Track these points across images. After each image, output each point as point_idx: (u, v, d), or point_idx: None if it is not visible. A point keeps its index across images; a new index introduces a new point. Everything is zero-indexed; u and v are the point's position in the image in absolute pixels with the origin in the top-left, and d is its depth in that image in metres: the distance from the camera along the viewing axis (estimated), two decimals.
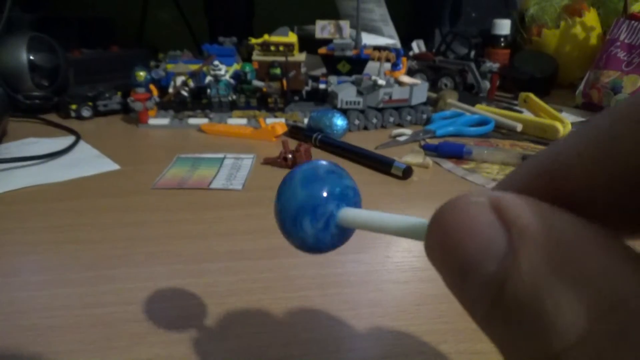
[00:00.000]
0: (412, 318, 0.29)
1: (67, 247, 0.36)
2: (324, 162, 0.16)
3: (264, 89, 0.75)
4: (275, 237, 0.38)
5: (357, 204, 0.16)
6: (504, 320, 0.09)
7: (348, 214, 0.15)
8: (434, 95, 0.82)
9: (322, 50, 0.81)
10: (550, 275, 0.08)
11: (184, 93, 0.75)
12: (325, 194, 0.15)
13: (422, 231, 0.12)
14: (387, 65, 0.76)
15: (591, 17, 1.02)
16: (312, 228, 0.15)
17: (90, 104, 0.75)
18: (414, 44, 1.10)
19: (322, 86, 0.79)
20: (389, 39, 0.98)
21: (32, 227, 0.40)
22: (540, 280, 0.08)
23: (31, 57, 0.73)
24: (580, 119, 0.79)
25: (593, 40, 1.02)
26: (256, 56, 0.77)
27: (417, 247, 0.37)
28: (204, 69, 0.74)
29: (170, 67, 0.76)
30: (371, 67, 0.81)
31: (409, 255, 0.36)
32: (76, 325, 0.27)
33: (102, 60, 0.97)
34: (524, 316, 0.08)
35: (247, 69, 0.74)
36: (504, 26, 1.04)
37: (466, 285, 0.09)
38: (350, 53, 0.78)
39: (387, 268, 0.34)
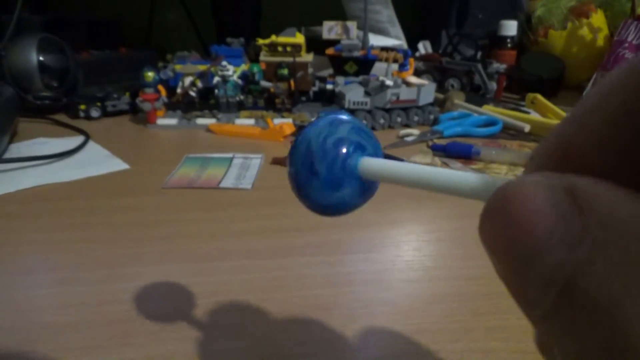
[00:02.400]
0: (424, 317, 0.29)
1: (80, 245, 0.36)
2: (341, 115, 0.15)
3: (272, 90, 0.75)
4: (287, 236, 0.38)
5: (376, 149, 0.15)
6: (569, 316, 0.08)
7: (370, 162, 0.14)
8: (441, 96, 0.82)
9: (330, 51, 0.81)
10: (634, 273, 0.07)
11: (192, 93, 0.76)
12: (341, 144, 0.14)
13: (469, 187, 0.11)
14: (395, 66, 0.76)
15: (598, 19, 1.02)
16: (328, 181, 0.14)
17: (98, 104, 0.76)
18: (421, 45, 1.11)
19: (329, 87, 0.79)
20: (396, 40, 0.98)
21: (45, 225, 0.40)
22: (621, 278, 0.07)
23: (41, 58, 0.74)
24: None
25: (600, 41, 1.01)
26: (264, 57, 0.78)
27: (427, 246, 0.37)
28: (212, 69, 0.75)
29: (178, 67, 0.76)
30: (378, 68, 0.81)
31: (420, 254, 0.36)
32: (92, 323, 0.27)
33: (110, 61, 0.98)
34: (596, 315, 0.07)
35: (255, 69, 0.74)
36: (510, 27, 1.04)
37: (530, 273, 0.08)
38: (357, 54, 0.79)
39: (398, 267, 0.34)
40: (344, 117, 0.15)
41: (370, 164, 0.13)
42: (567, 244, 0.08)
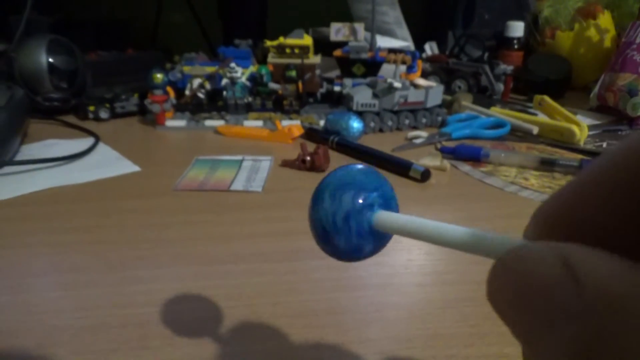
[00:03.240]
0: (438, 321, 0.29)
1: (93, 247, 0.37)
2: (358, 166, 0.16)
3: (280, 91, 0.75)
4: (298, 239, 0.38)
5: (393, 208, 0.16)
6: None
7: (384, 217, 0.15)
8: (448, 97, 0.82)
9: (337, 52, 0.81)
10: (628, 339, 0.07)
11: (201, 95, 0.76)
12: (357, 199, 0.15)
13: (475, 244, 0.12)
14: (403, 68, 0.76)
15: (605, 20, 1.02)
16: (345, 234, 0.15)
17: (107, 105, 0.76)
18: (427, 46, 1.10)
19: (336, 88, 0.80)
20: (403, 42, 0.98)
21: (58, 227, 0.40)
22: (617, 344, 0.07)
23: (50, 60, 0.74)
24: (595, 121, 0.79)
25: (607, 42, 1.01)
26: (272, 59, 0.78)
27: (439, 250, 0.37)
28: (221, 71, 0.75)
29: (186, 69, 0.77)
30: (386, 69, 0.81)
31: (432, 258, 0.36)
32: (109, 325, 0.28)
33: (118, 62, 0.98)
34: None
35: (263, 71, 0.75)
36: (517, 28, 1.04)
37: (539, 343, 0.09)
38: (365, 56, 0.79)
39: (410, 271, 0.34)
40: (343, 176, 0.16)
41: (383, 221, 0.14)
42: (570, 316, 0.08)
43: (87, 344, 0.26)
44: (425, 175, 0.50)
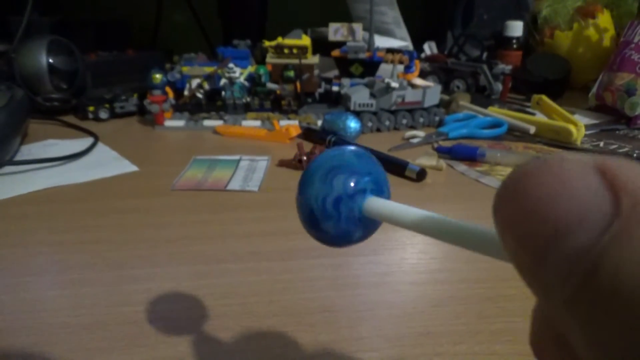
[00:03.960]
0: (430, 319, 0.29)
1: (91, 247, 0.37)
2: (351, 148, 0.15)
3: (278, 91, 0.76)
4: (293, 239, 0.39)
5: (385, 194, 0.15)
6: (597, 306, 0.07)
7: (375, 204, 0.14)
8: (446, 97, 0.83)
9: (335, 52, 0.81)
10: None
11: (199, 95, 0.76)
12: (349, 183, 0.14)
13: (455, 233, 0.11)
14: (400, 68, 0.77)
15: (604, 19, 1.02)
16: (334, 219, 0.14)
17: (107, 105, 0.77)
18: (426, 46, 1.11)
19: (335, 88, 0.80)
20: (402, 42, 0.98)
21: (56, 227, 0.41)
22: None
23: (50, 60, 0.75)
24: (593, 121, 0.79)
25: (606, 42, 1.01)
26: (270, 59, 0.78)
27: (433, 249, 0.38)
28: (219, 71, 0.75)
29: (185, 69, 0.77)
30: (384, 69, 0.81)
31: (426, 256, 0.36)
32: (104, 324, 0.28)
33: (118, 62, 0.99)
34: (624, 302, 0.07)
35: (262, 71, 0.75)
36: (516, 28, 1.04)
37: (552, 256, 0.08)
38: (363, 55, 0.79)
39: (403, 269, 0.35)
40: (335, 158, 0.15)
41: (374, 208, 0.14)
42: (598, 225, 0.07)
43: (82, 342, 0.26)
44: (421, 174, 0.50)
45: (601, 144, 0.67)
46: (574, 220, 0.07)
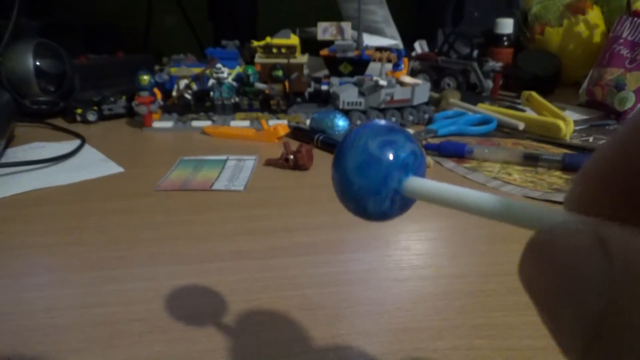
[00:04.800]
0: (410, 315, 0.29)
1: (72, 248, 0.37)
2: (385, 124, 0.15)
3: (267, 91, 0.75)
4: (276, 237, 0.38)
5: (421, 167, 0.14)
6: (604, 355, 0.08)
7: (415, 184, 0.14)
8: (436, 95, 0.82)
9: (324, 51, 0.81)
10: None
11: (188, 96, 0.76)
12: (391, 166, 0.13)
13: (510, 212, 0.11)
14: (389, 66, 0.76)
15: (595, 15, 1.02)
16: (376, 203, 0.14)
17: (95, 108, 0.76)
18: (417, 45, 1.11)
19: (324, 88, 0.80)
20: (392, 40, 0.98)
21: (39, 229, 0.40)
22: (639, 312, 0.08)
23: (37, 63, 0.74)
24: (584, 116, 0.79)
25: (596, 38, 1.01)
26: (258, 59, 0.78)
27: (416, 246, 0.37)
28: (207, 72, 0.75)
29: (173, 70, 0.77)
30: (373, 68, 0.81)
31: (408, 253, 0.36)
32: (79, 325, 0.28)
33: (108, 65, 0.98)
34: (623, 351, 0.08)
35: (250, 71, 0.75)
36: (506, 25, 1.04)
37: (563, 316, 0.09)
38: (351, 54, 0.79)
39: (386, 266, 0.34)
40: (397, 126, 0.15)
41: (415, 186, 0.14)
42: (598, 285, 0.08)
43: (56, 344, 0.26)
44: None
45: (591, 139, 0.67)
46: (577, 286, 0.09)
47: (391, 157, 0.13)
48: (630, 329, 0.08)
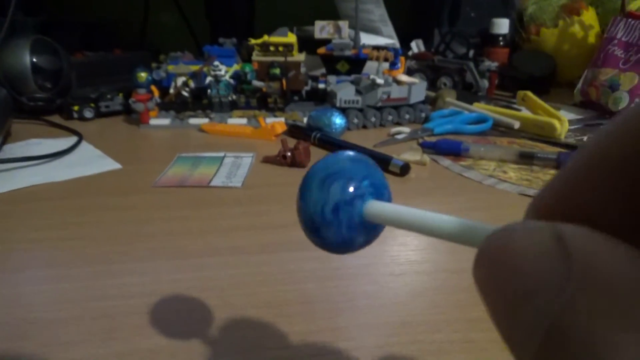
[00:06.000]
0: (408, 309, 0.29)
1: (70, 243, 0.37)
2: (348, 153, 0.15)
3: (264, 89, 0.75)
4: (274, 233, 0.39)
5: (385, 197, 0.15)
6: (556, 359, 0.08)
7: (375, 207, 0.14)
8: (433, 94, 0.83)
9: (321, 50, 0.81)
10: (613, 324, 0.07)
11: (185, 93, 0.76)
12: (346, 189, 0.14)
13: (467, 235, 0.11)
14: (386, 65, 0.77)
15: (589, 16, 1.03)
16: (334, 226, 0.14)
17: (92, 105, 0.76)
18: (413, 44, 1.11)
19: (321, 86, 0.80)
20: (388, 39, 0.99)
21: (36, 224, 0.40)
22: (600, 328, 0.07)
23: (34, 60, 0.74)
24: (578, 116, 0.80)
25: (591, 39, 1.02)
26: (256, 57, 0.78)
27: (413, 241, 0.38)
28: (205, 69, 0.75)
29: (171, 68, 0.77)
30: (370, 66, 0.81)
31: (405, 248, 0.36)
32: (79, 318, 0.28)
33: (105, 63, 0.98)
34: (577, 356, 0.07)
35: (247, 69, 0.75)
36: (502, 25, 1.05)
37: (518, 317, 0.08)
38: (349, 53, 0.79)
39: (383, 261, 0.35)
40: (331, 165, 0.15)
41: (374, 212, 0.14)
42: (554, 288, 0.08)
43: (56, 337, 0.26)
44: (404, 169, 0.51)
45: (585, 138, 0.68)
46: (533, 286, 0.08)
47: (347, 190, 0.14)
48: (587, 334, 0.07)
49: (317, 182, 0.14)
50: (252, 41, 0.78)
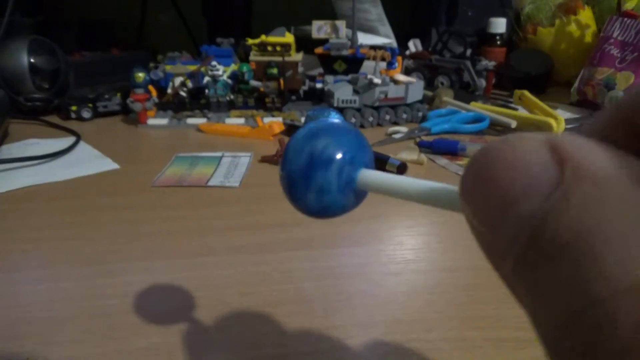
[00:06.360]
0: (403, 308, 0.29)
1: (68, 243, 0.37)
2: (338, 121, 0.15)
3: (262, 89, 0.76)
4: (271, 232, 0.39)
5: (371, 165, 0.14)
6: (539, 265, 0.08)
7: (369, 175, 0.13)
8: (430, 93, 0.83)
9: (319, 49, 0.82)
10: (604, 214, 0.07)
11: (183, 93, 0.76)
12: (341, 153, 0.13)
13: (452, 198, 0.11)
14: (383, 64, 0.77)
15: (586, 15, 1.03)
16: (326, 188, 0.13)
17: (90, 105, 0.76)
18: (411, 43, 1.11)
19: (319, 85, 0.80)
20: (386, 39, 0.99)
21: (34, 224, 0.41)
22: (592, 219, 0.07)
23: (32, 60, 0.74)
24: (575, 115, 0.80)
25: (588, 38, 1.02)
26: (253, 56, 0.78)
27: (409, 240, 0.38)
28: (202, 69, 0.75)
29: (168, 68, 0.77)
30: (367, 66, 0.81)
31: (402, 248, 0.37)
32: (77, 317, 0.28)
33: (103, 63, 0.98)
34: (564, 258, 0.07)
35: (245, 69, 0.75)
36: (499, 25, 1.05)
37: (503, 222, 0.08)
38: (346, 52, 0.79)
39: (380, 260, 0.35)
40: (339, 122, 0.14)
41: (368, 177, 0.13)
42: (545, 192, 0.08)
43: (53, 336, 0.26)
44: (401, 168, 0.51)
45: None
46: (523, 190, 0.08)
47: (340, 157, 0.13)
48: (578, 227, 0.07)
49: (325, 127, 0.14)
50: (250, 41, 0.78)
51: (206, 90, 0.75)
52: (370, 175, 0.13)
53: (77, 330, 0.27)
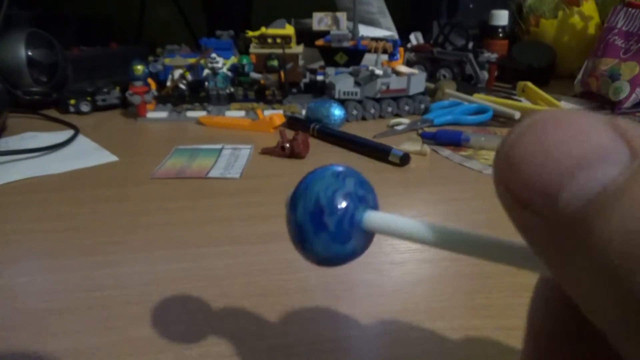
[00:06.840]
0: (409, 297, 0.29)
1: (66, 234, 0.36)
2: (338, 166, 0.15)
3: (262, 82, 0.75)
4: (272, 222, 0.38)
5: (376, 208, 0.14)
6: (608, 244, 0.07)
7: (374, 217, 0.13)
8: (432, 86, 0.82)
9: (319, 42, 0.81)
10: None
11: (182, 86, 0.75)
12: (350, 198, 0.13)
13: (469, 245, 0.12)
14: (385, 56, 0.76)
15: (589, 7, 1.02)
16: (336, 235, 0.13)
17: (88, 98, 0.75)
18: (412, 36, 1.10)
19: (319, 78, 0.79)
20: (387, 31, 0.98)
21: (32, 216, 0.40)
22: None
23: (29, 53, 0.74)
24: (578, 107, 0.79)
25: (591, 29, 1.01)
26: (253, 49, 0.77)
27: None
28: (202, 62, 0.75)
29: (167, 61, 0.76)
30: (369, 58, 0.81)
31: None
32: (74, 308, 0.27)
33: (102, 57, 0.97)
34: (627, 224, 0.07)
35: (245, 61, 0.74)
36: (502, 17, 1.04)
37: (568, 188, 0.08)
38: (347, 44, 0.78)
39: (384, 250, 0.34)
40: (345, 169, 0.15)
41: (375, 219, 0.13)
42: (616, 162, 0.07)
43: (50, 327, 0.26)
44: (404, 159, 0.50)
45: None
46: (599, 154, 0.08)
47: (349, 202, 0.13)
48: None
49: (332, 174, 0.14)
50: (250, 33, 0.77)
51: (206, 83, 0.74)
52: (376, 218, 0.13)
53: (75, 321, 0.26)
